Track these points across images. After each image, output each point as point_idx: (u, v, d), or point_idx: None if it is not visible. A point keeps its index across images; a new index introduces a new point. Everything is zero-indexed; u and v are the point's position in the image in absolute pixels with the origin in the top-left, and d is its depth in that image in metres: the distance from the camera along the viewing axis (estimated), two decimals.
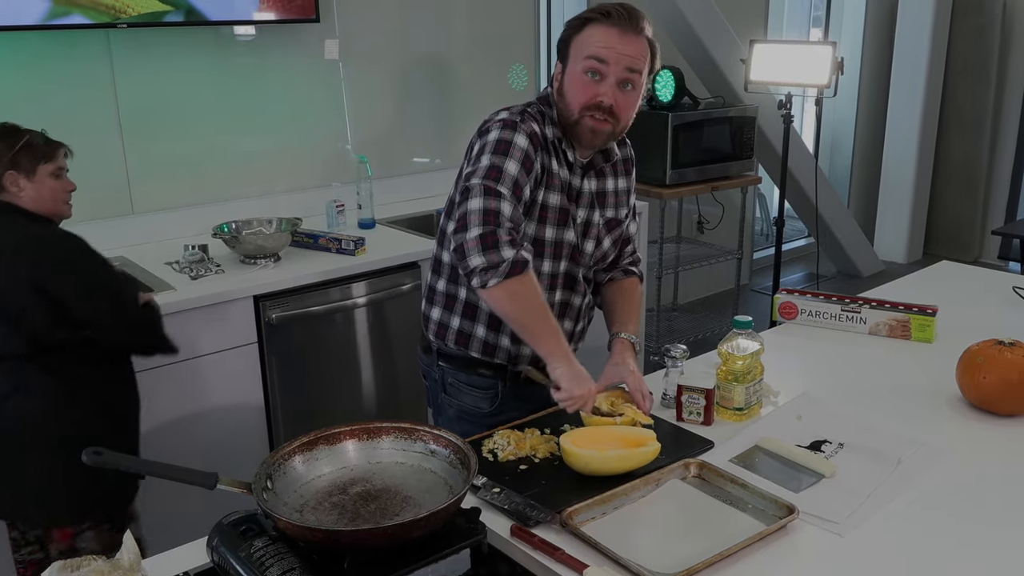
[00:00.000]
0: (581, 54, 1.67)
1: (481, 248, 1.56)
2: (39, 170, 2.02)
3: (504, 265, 1.55)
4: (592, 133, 1.70)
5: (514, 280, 1.56)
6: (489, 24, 3.77)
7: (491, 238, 1.56)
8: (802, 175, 4.88)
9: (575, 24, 1.70)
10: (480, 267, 1.56)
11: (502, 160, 1.62)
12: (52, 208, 2.07)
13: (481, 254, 1.56)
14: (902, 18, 5.66)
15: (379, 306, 2.87)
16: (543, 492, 1.45)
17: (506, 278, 1.56)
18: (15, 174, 2.00)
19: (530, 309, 1.60)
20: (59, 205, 2.08)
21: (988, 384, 1.71)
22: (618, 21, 1.65)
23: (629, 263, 1.95)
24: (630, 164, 1.91)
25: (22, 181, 2.01)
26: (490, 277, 1.56)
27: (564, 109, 1.71)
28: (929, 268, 2.78)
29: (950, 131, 5.87)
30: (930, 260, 3.70)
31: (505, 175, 1.61)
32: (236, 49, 3.11)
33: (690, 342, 3.90)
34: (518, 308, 1.60)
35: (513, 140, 1.64)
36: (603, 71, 1.66)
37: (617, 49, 1.65)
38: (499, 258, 1.55)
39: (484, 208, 1.58)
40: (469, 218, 1.58)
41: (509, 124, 1.66)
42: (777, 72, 3.96)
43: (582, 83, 1.67)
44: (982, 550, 1.31)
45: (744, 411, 1.71)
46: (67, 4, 2.59)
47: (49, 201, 2.05)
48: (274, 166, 3.26)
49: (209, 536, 1.24)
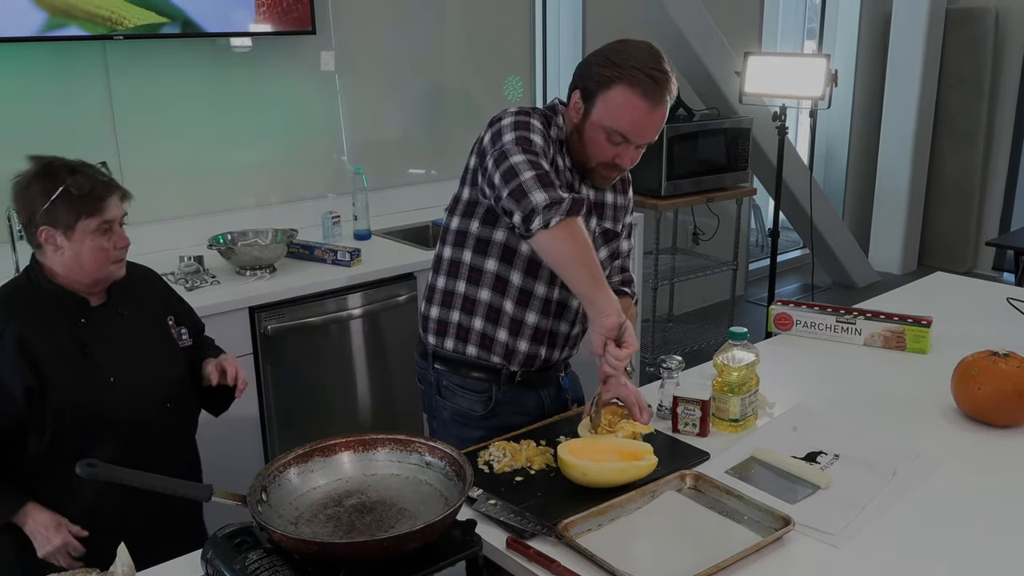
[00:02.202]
0: (606, 119, 1.68)
1: (540, 185, 1.56)
2: (79, 226, 1.66)
3: (567, 201, 1.55)
4: (604, 179, 1.80)
5: (572, 220, 1.56)
6: (485, 36, 3.78)
7: (547, 178, 1.58)
8: (797, 186, 4.90)
9: (604, 77, 1.66)
10: (543, 203, 1.55)
11: (527, 133, 1.66)
12: (93, 272, 1.71)
13: (542, 190, 1.56)
14: (895, 30, 5.69)
15: (375, 317, 2.87)
16: (539, 504, 1.44)
17: (568, 214, 1.55)
18: (51, 230, 1.66)
19: (589, 249, 1.59)
20: (102, 267, 1.72)
21: (983, 395, 1.71)
22: (648, 94, 1.64)
23: (620, 282, 1.96)
24: (627, 184, 1.95)
25: (59, 239, 1.66)
26: (553, 214, 1.54)
27: (580, 152, 1.75)
28: (924, 279, 2.79)
29: (944, 142, 5.89)
30: (925, 271, 3.71)
31: (534, 143, 1.65)
32: (232, 60, 3.12)
33: (685, 353, 3.90)
34: (579, 246, 1.57)
35: (530, 122, 1.68)
36: (626, 140, 1.70)
37: (642, 128, 1.69)
38: (558, 195, 1.56)
39: (527, 160, 1.60)
40: (517, 168, 1.59)
41: (522, 112, 1.71)
42: (772, 84, 3.98)
43: (603, 143, 1.71)
44: (977, 561, 1.31)
45: (740, 422, 1.72)
46: (63, 16, 2.60)
47: (89, 264, 1.69)
48: (270, 177, 3.27)
49: (204, 549, 1.24)
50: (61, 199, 1.64)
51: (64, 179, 1.65)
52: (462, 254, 1.79)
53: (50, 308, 1.71)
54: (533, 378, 1.86)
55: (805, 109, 4.90)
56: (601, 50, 1.71)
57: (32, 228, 1.68)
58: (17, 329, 1.65)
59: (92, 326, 1.74)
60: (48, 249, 1.69)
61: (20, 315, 1.67)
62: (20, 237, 2.59)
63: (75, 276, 1.71)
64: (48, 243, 1.68)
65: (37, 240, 1.69)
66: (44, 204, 1.64)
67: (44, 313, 1.70)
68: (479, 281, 1.78)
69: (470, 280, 1.79)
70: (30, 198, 1.67)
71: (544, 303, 1.78)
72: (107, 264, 1.73)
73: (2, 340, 1.64)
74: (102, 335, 1.75)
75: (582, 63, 1.74)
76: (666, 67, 1.67)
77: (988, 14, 5.55)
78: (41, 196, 1.65)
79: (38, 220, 1.66)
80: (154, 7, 2.74)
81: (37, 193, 1.66)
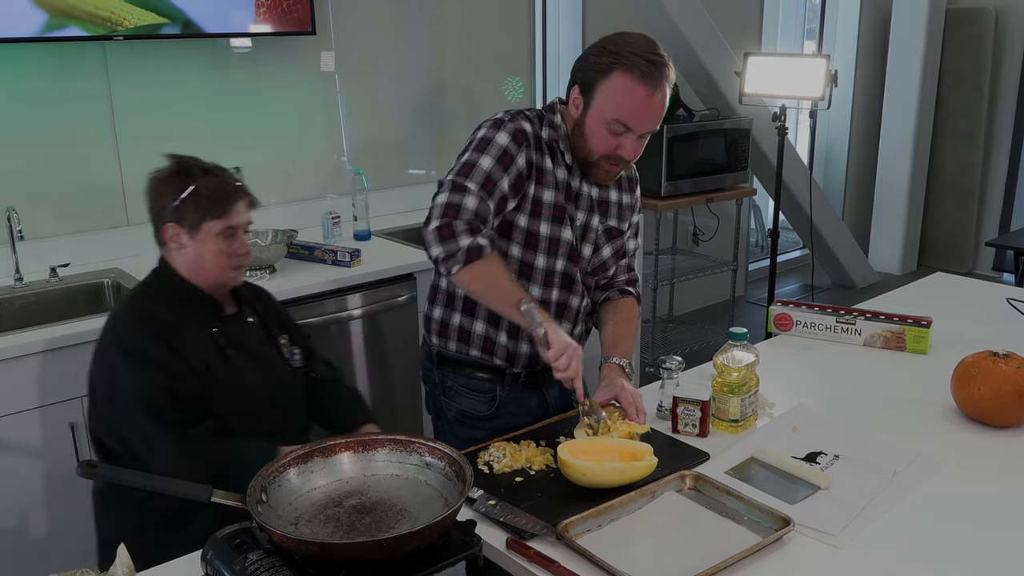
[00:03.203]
0: (606, 109, 1.68)
1: (439, 239, 1.63)
2: (204, 227, 1.69)
3: (460, 253, 1.62)
4: (607, 174, 1.79)
5: (474, 265, 1.63)
6: (485, 36, 3.78)
7: (447, 230, 1.62)
8: (797, 187, 4.90)
9: (602, 65, 1.67)
10: (440, 256, 1.63)
11: (477, 156, 1.68)
12: (214, 275, 1.73)
13: (439, 244, 1.63)
14: (895, 30, 5.69)
15: (375, 317, 2.87)
16: (539, 504, 1.44)
17: (465, 264, 1.62)
18: (177, 227, 1.69)
19: (494, 282, 1.66)
20: (221, 272, 1.73)
21: (982, 396, 1.71)
22: (647, 78, 1.64)
23: (625, 281, 1.96)
24: (634, 183, 1.94)
25: (184, 237, 1.69)
26: (452, 264, 1.63)
27: (582, 147, 1.75)
28: (924, 279, 2.79)
29: (944, 142, 5.89)
30: (924, 272, 3.71)
31: (476, 170, 1.67)
32: (232, 61, 3.12)
33: (685, 354, 3.90)
34: (482, 285, 1.66)
35: (494, 138, 1.69)
36: (627, 129, 1.69)
37: (643, 115, 1.68)
38: (456, 247, 1.62)
39: (447, 203, 1.65)
40: (432, 212, 1.66)
41: (496, 123, 1.72)
42: (771, 84, 3.98)
43: (605, 135, 1.70)
44: (977, 561, 1.31)
45: (740, 423, 1.71)
46: (64, 16, 2.60)
47: (211, 266, 1.71)
48: (270, 178, 3.26)
49: (204, 549, 1.24)
50: (190, 198, 1.68)
51: (196, 178, 1.69)
52: None
53: (187, 310, 1.73)
54: (537, 378, 1.86)
55: (805, 109, 4.89)
56: (597, 42, 1.71)
57: (160, 223, 1.71)
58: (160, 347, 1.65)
59: (225, 332, 1.76)
60: (172, 247, 1.72)
61: (161, 327, 1.68)
62: (20, 238, 2.60)
63: (195, 278, 1.73)
64: (172, 241, 1.71)
65: (161, 237, 1.71)
66: (174, 201, 1.68)
67: (182, 316, 1.71)
68: None
69: None
70: (162, 194, 1.71)
71: (542, 304, 1.78)
72: (227, 269, 1.74)
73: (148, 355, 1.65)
74: (237, 342, 1.77)
75: (579, 58, 1.74)
76: (663, 52, 1.68)
77: (988, 14, 5.55)
78: (172, 193, 1.68)
79: (166, 216, 1.69)
80: (154, 8, 2.74)
81: (169, 190, 1.69)
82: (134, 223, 2.97)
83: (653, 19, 4.25)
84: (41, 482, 2.27)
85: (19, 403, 2.22)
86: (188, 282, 1.74)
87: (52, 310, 2.59)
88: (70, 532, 2.30)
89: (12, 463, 2.22)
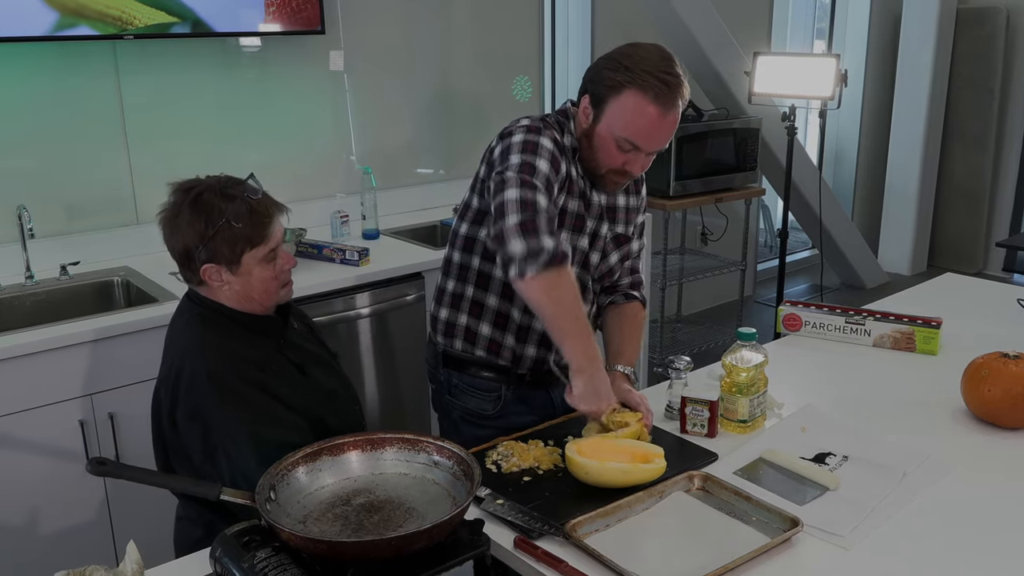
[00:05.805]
0: (616, 126, 1.65)
1: (522, 233, 1.53)
2: (244, 259, 1.56)
3: (544, 254, 1.52)
4: (615, 184, 1.78)
5: (552, 272, 1.53)
6: (494, 36, 3.78)
7: (531, 224, 1.54)
8: (806, 187, 4.88)
9: (615, 81, 1.64)
10: (521, 254, 1.52)
11: (532, 158, 1.62)
12: (264, 300, 1.63)
13: (522, 239, 1.52)
14: (906, 30, 5.67)
15: (383, 316, 2.87)
16: (547, 504, 1.44)
17: (545, 268, 1.52)
18: (214, 268, 1.55)
19: (565, 305, 1.57)
20: (271, 294, 1.63)
21: (992, 397, 1.71)
22: (660, 99, 1.62)
23: (629, 284, 1.95)
24: (640, 184, 1.93)
25: (224, 274, 1.57)
26: (529, 265, 1.52)
27: (590, 158, 1.73)
28: (933, 280, 2.78)
29: (954, 143, 5.86)
30: (934, 272, 3.70)
31: (538, 172, 1.61)
32: (242, 60, 3.13)
33: (694, 354, 3.89)
34: (553, 302, 1.56)
35: (539, 142, 1.65)
36: (636, 148, 1.68)
37: (653, 136, 1.66)
38: (539, 245, 1.52)
39: (521, 198, 1.56)
40: (507, 207, 1.56)
41: (533, 128, 1.68)
42: (781, 84, 3.97)
43: (613, 150, 1.69)
44: (987, 564, 1.31)
45: (748, 423, 1.71)
46: (74, 16, 2.61)
47: (260, 294, 1.61)
48: (278, 176, 3.26)
49: (212, 547, 1.24)
50: (221, 233, 1.52)
51: (217, 208, 1.53)
52: (471, 259, 1.79)
53: (251, 339, 1.62)
54: (542, 378, 1.85)
55: (814, 109, 4.87)
56: (611, 54, 1.68)
57: (193, 265, 1.56)
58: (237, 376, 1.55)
59: (290, 347, 1.69)
60: (213, 285, 1.58)
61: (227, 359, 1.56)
62: (31, 236, 2.61)
63: (245, 307, 1.62)
64: (212, 280, 1.57)
65: (199, 278, 1.57)
66: (202, 240, 1.52)
67: (262, 351, 1.61)
68: (487, 287, 1.78)
69: (478, 285, 1.79)
70: (184, 233, 1.54)
71: None
72: (277, 291, 1.65)
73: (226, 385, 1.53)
74: (300, 351, 1.71)
75: (592, 67, 1.71)
76: (678, 71, 1.64)
77: (999, 14, 5.52)
78: (195, 230, 1.52)
79: (198, 258, 1.54)
80: (164, 7, 2.75)
81: (188, 226, 1.52)
82: (144, 221, 2.98)
83: (663, 18, 4.24)
84: (51, 479, 2.28)
85: (30, 400, 2.23)
86: (242, 312, 1.62)
87: (62, 308, 2.60)
88: (80, 529, 2.31)
89: (23, 460, 2.23)
